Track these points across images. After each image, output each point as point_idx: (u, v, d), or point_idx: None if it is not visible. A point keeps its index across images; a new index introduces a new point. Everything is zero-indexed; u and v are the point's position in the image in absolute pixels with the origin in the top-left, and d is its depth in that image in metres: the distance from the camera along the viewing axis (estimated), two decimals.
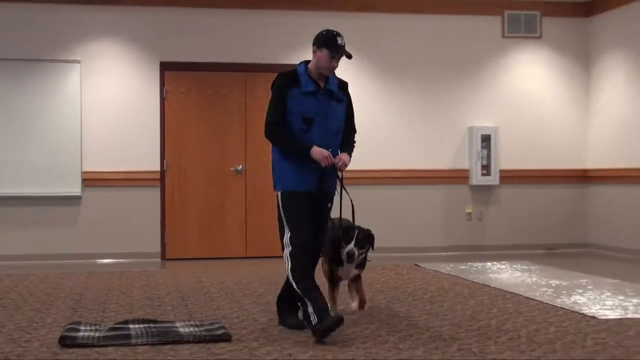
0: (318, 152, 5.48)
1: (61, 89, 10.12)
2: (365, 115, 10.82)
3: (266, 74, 10.60)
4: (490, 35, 11.17)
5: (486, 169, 11.01)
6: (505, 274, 8.58)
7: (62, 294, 7.16)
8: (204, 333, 5.17)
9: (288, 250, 5.52)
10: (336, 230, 5.84)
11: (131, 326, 5.35)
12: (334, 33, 5.60)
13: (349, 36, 10.70)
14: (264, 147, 10.58)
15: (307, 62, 5.67)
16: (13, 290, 7.41)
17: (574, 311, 6.17)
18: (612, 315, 5.99)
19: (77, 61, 10.17)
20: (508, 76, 11.23)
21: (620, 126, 10.72)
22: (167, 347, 4.87)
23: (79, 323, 5.46)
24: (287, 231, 5.59)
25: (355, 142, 6.08)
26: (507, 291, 7.26)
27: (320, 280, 5.63)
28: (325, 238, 5.73)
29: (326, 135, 5.60)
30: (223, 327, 5.36)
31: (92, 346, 4.88)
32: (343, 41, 5.58)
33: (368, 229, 5.99)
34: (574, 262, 9.89)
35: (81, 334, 5.09)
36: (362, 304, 6.21)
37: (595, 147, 11.24)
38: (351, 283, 6.25)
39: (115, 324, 5.45)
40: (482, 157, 11.00)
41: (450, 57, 11.07)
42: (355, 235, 5.82)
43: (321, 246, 5.72)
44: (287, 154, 5.59)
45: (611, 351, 4.76)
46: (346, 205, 5.84)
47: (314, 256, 5.64)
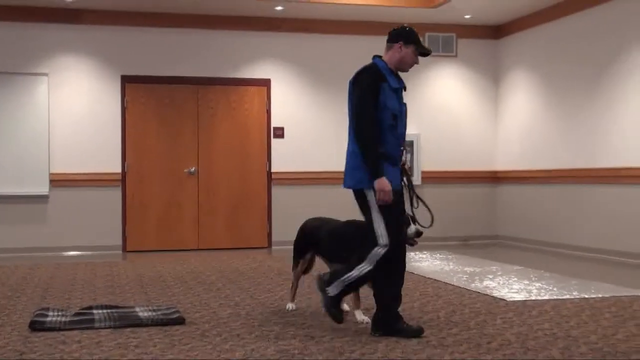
0: (384, 184, 4.65)
1: (31, 99, 9.94)
2: (308, 124, 10.84)
3: (216, 87, 10.63)
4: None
5: (410, 171, 11.05)
6: (426, 263, 8.65)
7: (32, 284, 7.03)
8: (161, 317, 5.12)
9: (383, 243, 4.66)
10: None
11: (95, 311, 5.26)
12: (416, 31, 4.97)
13: (287, 53, 10.78)
14: (215, 151, 10.59)
15: (379, 57, 5.04)
16: None
17: (486, 294, 6.24)
18: (518, 297, 6.08)
19: (45, 74, 10.00)
20: (428, 90, 11.33)
21: (524, 133, 10.87)
22: (128, 330, 4.82)
23: (47, 309, 5.35)
24: (381, 226, 4.71)
25: None
26: (428, 277, 7.33)
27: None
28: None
29: (404, 133, 4.93)
30: (178, 312, 5.30)
31: (60, 330, 4.81)
32: None
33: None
34: (486, 252, 10.01)
35: (49, 319, 5.00)
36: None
37: (503, 151, 11.39)
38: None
39: (80, 310, 5.36)
40: (407, 160, 11.06)
41: None
42: (411, 217, 5.10)
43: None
44: (363, 153, 4.66)
45: (517, 328, 4.83)
46: None
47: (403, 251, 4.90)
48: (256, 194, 10.71)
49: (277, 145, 10.77)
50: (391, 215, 4.72)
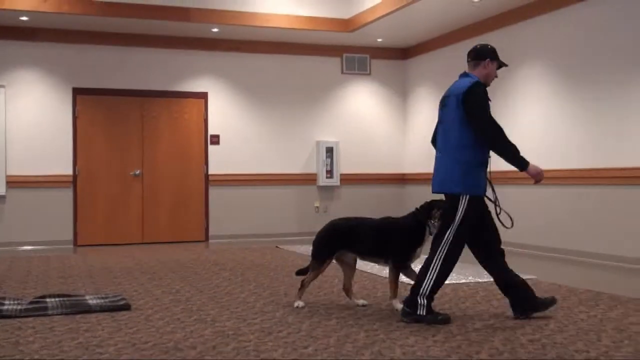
0: (535, 168, 4.47)
1: None
2: (241, 132, 10.79)
3: (159, 99, 10.48)
4: (332, 71, 11.31)
5: (330, 173, 11.13)
6: None
7: None
8: (109, 304, 5.01)
9: (444, 253, 4.44)
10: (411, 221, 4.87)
11: (48, 300, 5.12)
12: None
13: (222, 69, 10.71)
14: (158, 156, 10.44)
15: (468, 74, 4.69)
16: None
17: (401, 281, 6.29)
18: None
19: (3, 86, 9.68)
20: (346, 103, 11.40)
21: (427, 141, 10.99)
22: (79, 316, 4.70)
23: (4, 298, 5.18)
24: (452, 234, 4.43)
25: None
26: None
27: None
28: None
29: None
30: (124, 299, 5.21)
31: (16, 317, 4.66)
32: None
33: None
34: None
35: (6, 307, 4.83)
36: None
37: (410, 157, 11.54)
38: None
39: (34, 299, 5.20)
40: (327, 164, 11.12)
41: (303, 88, 11.14)
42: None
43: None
44: (505, 154, 4.47)
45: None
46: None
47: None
48: (195, 194, 10.61)
49: (214, 150, 10.69)
50: (470, 225, 4.46)
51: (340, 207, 11.27)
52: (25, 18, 9.30)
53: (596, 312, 4.69)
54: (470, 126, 4.42)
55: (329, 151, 11.10)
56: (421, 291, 4.40)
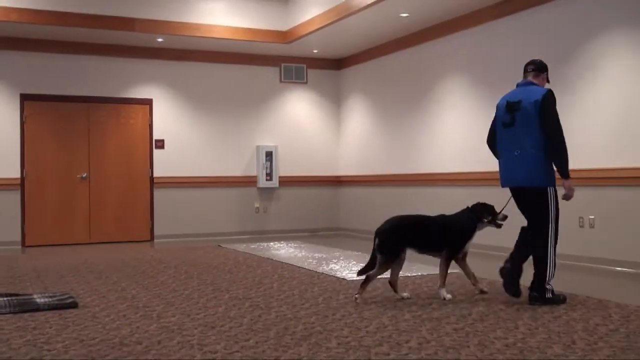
0: (571, 184, 4.74)
1: None
2: (185, 137, 10.66)
3: (105, 105, 10.27)
4: (271, 80, 11.29)
5: (269, 176, 11.10)
6: (283, 251, 8.68)
7: None
8: (56, 302, 4.87)
9: (552, 241, 4.67)
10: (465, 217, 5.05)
11: None
12: None
13: (166, 77, 10.56)
14: (104, 160, 10.22)
15: (534, 83, 4.87)
16: None
17: (331, 275, 6.33)
18: (356, 277, 6.15)
19: None
20: (284, 110, 11.39)
21: (360, 145, 11.14)
22: (27, 315, 4.55)
23: None
24: (553, 224, 4.67)
25: None
26: (285, 262, 7.35)
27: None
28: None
29: None
30: (72, 297, 5.07)
31: None
32: None
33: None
34: (331, 241, 10.16)
35: None
36: (475, 278, 5.23)
37: (344, 160, 11.62)
38: (461, 262, 5.16)
39: None
40: (266, 167, 11.08)
41: (244, 96, 11.09)
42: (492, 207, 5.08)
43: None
44: (564, 159, 4.66)
45: (355, 302, 4.92)
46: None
47: None
48: (140, 196, 10.43)
49: (159, 154, 10.53)
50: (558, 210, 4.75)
51: (279, 207, 11.26)
52: None
53: (513, 302, 4.80)
54: (542, 127, 4.64)
55: (269, 155, 11.08)
56: (547, 279, 4.67)
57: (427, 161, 9.39)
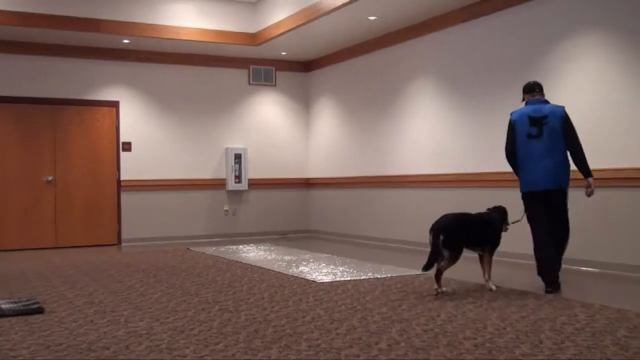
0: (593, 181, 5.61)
1: None
2: (152, 140, 10.56)
3: (71, 107, 10.14)
4: (240, 82, 11.26)
5: (238, 178, 11.06)
6: (252, 253, 8.65)
7: None
8: (22, 308, 4.80)
9: (569, 232, 5.64)
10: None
11: None
12: None
13: (133, 79, 10.47)
14: (70, 163, 10.08)
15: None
16: None
17: (301, 277, 6.33)
18: (326, 279, 6.19)
19: None
20: (253, 112, 11.37)
21: (329, 147, 11.17)
22: None
23: None
24: (568, 215, 5.60)
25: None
26: (254, 265, 7.33)
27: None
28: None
29: None
30: (38, 303, 5.00)
31: None
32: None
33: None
34: (301, 244, 10.15)
35: None
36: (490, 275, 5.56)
37: (314, 162, 11.63)
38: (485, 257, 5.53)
39: None
40: (235, 170, 11.05)
41: (212, 98, 11.04)
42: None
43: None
44: (585, 163, 5.50)
45: (325, 304, 4.93)
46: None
47: None
48: (107, 199, 10.31)
49: (126, 157, 10.42)
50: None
51: (248, 210, 11.23)
52: None
53: (482, 303, 4.86)
54: (565, 138, 5.46)
55: (237, 157, 11.04)
56: (561, 268, 5.56)
57: (397, 163, 9.45)
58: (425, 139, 8.92)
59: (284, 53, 10.96)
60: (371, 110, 10.04)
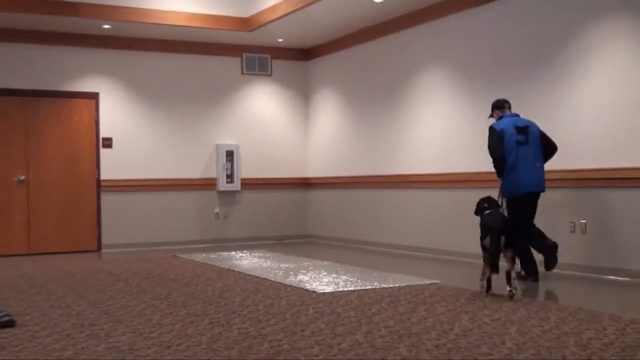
0: None
1: None
2: (135, 135, 10.55)
3: (45, 99, 10.14)
4: (232, 72, 11.25)
5: (230, 178, 11.06)
6: (246, 261, 8.64)
7: None
8: None
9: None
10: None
11: None
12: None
13: (114, 68, 10.45)
14: (45, 161, 10.08)
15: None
16: None
17: (299, 287, 6.31)
18: (328, 289, 6.17)
19: None
20: (246, 105, 11.36)
21: (331, 144, 11.15)
22: None
23: None
24: None
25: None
26: (248, 274, 7.32)
27: None
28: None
29: None
30: (9, 315, 4.96)
31: None
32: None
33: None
34: (299, 249, 10.14)
35: None
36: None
37: (313, 160, 11.62)
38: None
39: None
40: (227, 168, 11.04)
41: (201, 89, 11.03)
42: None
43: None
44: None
45: (327, 317, 4.91)
46: None
47: None
48: (86, 200, 10.30)
49: (106, 154, 10.41)
50: None
51: (241, 212, 11.22)
52: None
53: (500, 315, 4.84)
54: (544, 145, 6.55)
55: (229, 155, 11.03)
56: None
57: (404, 161, 9.43)
58: (435, 134, 8.90)
59: (281, 39, 10.95)
60: (376, 102, 10.03)
